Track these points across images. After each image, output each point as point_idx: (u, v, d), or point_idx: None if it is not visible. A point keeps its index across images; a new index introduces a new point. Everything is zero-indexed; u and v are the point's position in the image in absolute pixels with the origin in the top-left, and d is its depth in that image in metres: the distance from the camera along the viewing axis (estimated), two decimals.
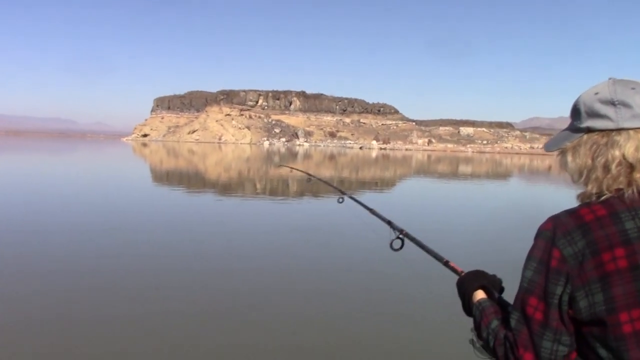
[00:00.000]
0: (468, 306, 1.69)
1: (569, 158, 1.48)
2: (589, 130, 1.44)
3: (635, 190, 1.36)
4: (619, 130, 1.39)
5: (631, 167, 1.37)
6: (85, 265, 8.95)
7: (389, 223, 2.70)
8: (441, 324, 6.43)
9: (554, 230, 1.37)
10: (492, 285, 1.70)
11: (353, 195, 3.69)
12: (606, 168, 1.38)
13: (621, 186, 1.37)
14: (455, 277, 1.84)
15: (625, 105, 1.39)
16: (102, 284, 7.90)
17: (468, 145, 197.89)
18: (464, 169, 60.66)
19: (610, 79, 1.46)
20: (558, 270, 1.35)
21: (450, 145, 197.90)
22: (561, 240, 1.35)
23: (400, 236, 2.52)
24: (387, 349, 5.86)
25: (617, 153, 1.37)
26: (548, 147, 1.56)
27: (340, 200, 4.01)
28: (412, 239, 2.45)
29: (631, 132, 1.38)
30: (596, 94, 1.44)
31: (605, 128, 1.40)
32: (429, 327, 6.56)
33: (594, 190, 1.40)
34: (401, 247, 2.50)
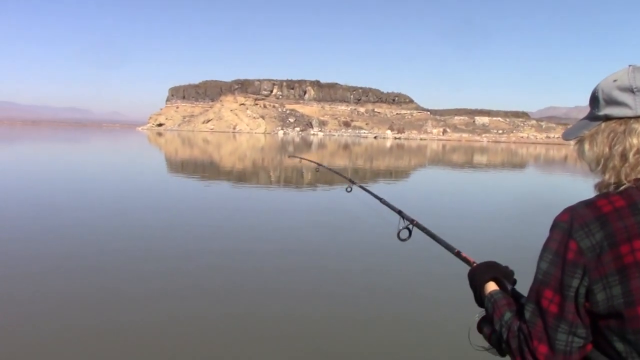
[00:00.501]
0: (480, 298, 1.66)
1: (587, 146, 1.46)
2: (607, 118, 1.42)
3: None
4: (638, 118, 1.36)
5: None
6: (96, 252, 9.04)
7: (399, 212, 2.66)
8: (445, 316, 6.43)
9: (571, 222, 1.34)
10: (505, 276, 1.67)
11: (362, 185, 3.68)
12: (624, 156, 1.36)
13: (639, 176, 1.35)
14: (467, 268, 1.81)
15: None
16: (110, 270, 7.98)
17: (483, 135, 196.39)
18: (479, 158, 60.22)
19: (630, 66, 1.43)
20: (575, 263, 1.32)
21: (465, 135, 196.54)
22: (578, 232, 1.32)
23: (409, 226, 2.50)
24: (390, 340, 5.86)
25: (635, 141, 1.35)
26: (566, 136, 1.54)
27: (349, 189, 4.00)
28: (423, 229, 2.43)
29: None
30: (615, 81, 1.41)
31: (624, 116, 1.38)
32: (433, 320, 6.54)
33: (612, 180, 1.38)
34: (409, 237, 2.49)
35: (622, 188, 1.35)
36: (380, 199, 3.14)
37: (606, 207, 1.33)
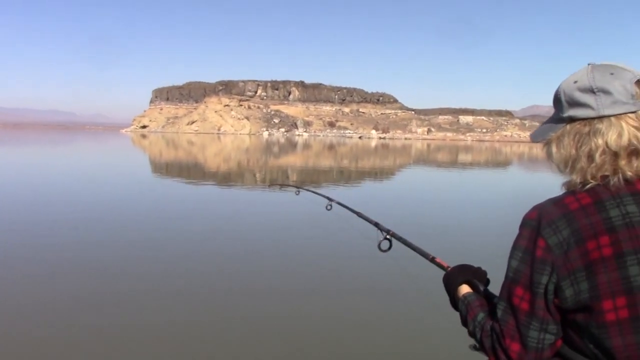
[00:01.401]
0: (454, 300, 1.68)
1: (554, 149, 1.46)
2: (571, 119, 1.42)
3: (620, 178, 1.33)
4: (601, 118, 1.36)
5: (615, 155, 1.34)
6: (82, 256, 8.96)
7: (376, 225, 2.70)
8: (430, 321, 6.46)
9: (539, 219, 1.36)
10: (478, 278, 1.69)
11: (341, 200, 3.75)
12: (590, 157, 1.36)
13: (606, 174, 1.35)
14: (442, 273, 1.83)
15: (605, 92, 1.36)
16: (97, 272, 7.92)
17: (467, 134, 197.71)
18: (463, 157, 60.65)
19: (589, 64, 1.43)
20: (543, 260, 1.33)
21: (449, 134, 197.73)
22: (546, 229, 1.34)
23: (388, 237, 2.53)
24: (376, 349, 5.88)
25: (600, 141, 1.35)
26: (534, 138, 1.54)
27: (329, 207, 4.04)
28: (399, 239, 2.47)
29: (613, 119, 1.35)
30: (575, 82, 1.41)
31: (587, 117, 1.38)
32: (416, 325, 6.56)
33: (579, 180, 1.38)
34: (389, 248, 2.52)
35: (588, 186, 1.36)
36: (357, 213, 3.20)
37: (573, 205, 1.34)
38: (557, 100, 1.47)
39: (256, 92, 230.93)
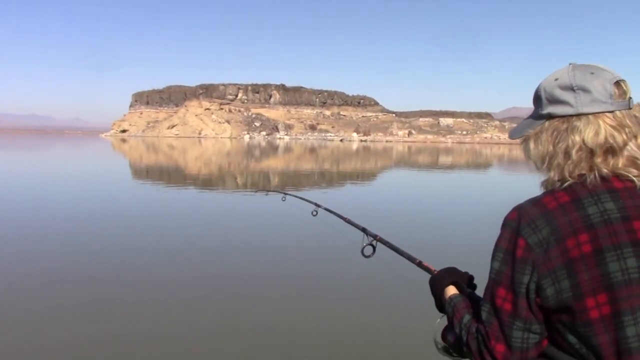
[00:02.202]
0: (441, 303, 1.69)
1: (532, 145, 1.48)
2: (550, 116, 1.44)
3: (596, 175, 1.35)
4: (579, 115, 1.38)
5: (591, 153, 1.36)
6: (73, 266, 8.84)
7: (364, 230, 2.70)
8: (414, 324, 6.48)
9: (519, 220, 1.37)
10: (464, 280, 1.70)
11: (327, 206, 3.70)
12: (567, 154, 1.38)
13: (583, 172, 1.37)
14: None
15: (585, 90, 1.38)
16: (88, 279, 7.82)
17: (448, 136, 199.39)
18: (444, 160, 61.04)
19: (570, 64, 1.46)
20: (524, 259, 1.34)
21: (430, 137, 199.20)
22: (526, 229, 1.35)
23: (373, 243, 2.54)
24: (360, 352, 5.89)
25: (577, 138, 1.37)
26: (512, 135, 1.56)
27: (315, 213, 3.99)
28: (386, 243, 2.46)
29: (590, 117, 1.37)
30: (556, 80, 1.44)
31: (566, 114, 1.40)
32: (399, 329, 6.59)
33: (556, 177, 1.41)
34: (373, 254, 2.52)
35: (566, 184, 1.37)
36: (344, 219, 3.18)
37: (551, 204, 1.35)
38: (537, 97, 1.49)
39: (237, 96, 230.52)
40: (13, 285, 7.79)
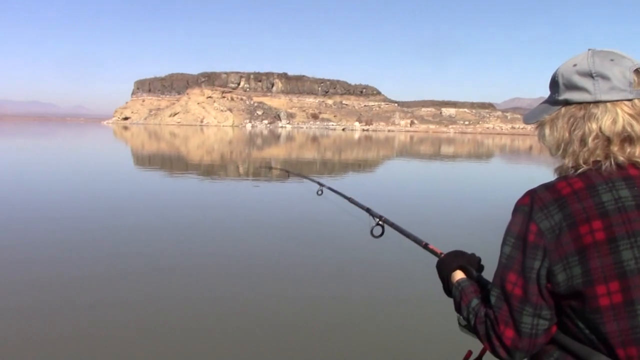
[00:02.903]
0: (448, 287, 1.68)
1: (547, 131, 1.47)
2: (567, 102, 1.42)
3: (612, 163, 1.34)
4: (597, 102, 1.36)
5: (608, 141, 1.35)
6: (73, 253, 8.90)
7: (368, 210, 2.70)
8: (424, 307, 6.54)
9: (531, 204, 1.36)
10: (471, 264, 1.69)
11: (331, 186, 3.69)
12: (583, 141, 1.37)
13: (598, 159, 1.35)
14: (436, 260, 1.83)
15: (603, 77, 1.36)
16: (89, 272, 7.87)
17: (450, 126, 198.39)
18: (446, 149, 60.89)
19: (589, 50, 1.43)
20: (535, 245, 1.33)
21: (432, 126, 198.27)
22: (538, 214, 1.34)
23: (380, 222, 2.53)
24: (371, 334, 5.93)
25: (594, 126, 1.35)
26: (527, 119, 1.54)
27: (319, 192, 3.97)
28: (392, 225, 2.46)
29: (609, 104, 1.35)
30: (574, 65, 1.41)
31: (583, 100, 1.38)
32: (411, 311, 6.64)
33: (570, 164, 1.39)
34: (382, 234, 2.52)
35: (580, 171, 1.36)
36: (348, 199, 3.16)
37: (565, 189, 1.34)
38: (554, 82, 1.47)
39: (239, 84, 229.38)
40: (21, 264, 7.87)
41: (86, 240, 9.58)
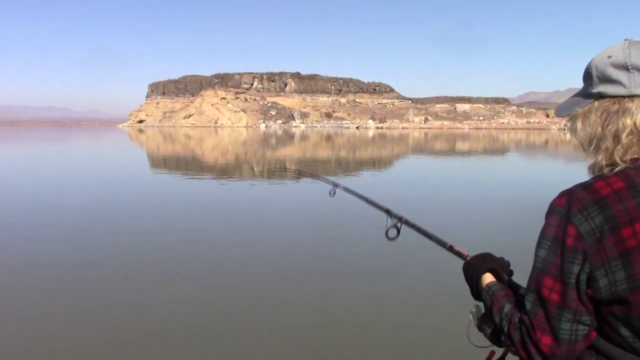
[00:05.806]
0: (476, 291, 1.62)
1: (579, 125, 1.40)
2: (601, 96, 1.36)
3: None
4: (632, 97, 1.30)
5: None
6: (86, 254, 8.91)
7: (387, 211, 2.52)
8: (446, 309, 6.44)
9: (569, 206, 1.29)
10: (501, 268, 1.64)
11: (346, 187, 3.38)
12: (617, 137, 1.30)
13: (635, 156, 1.29)
14: (461, 262, 1.78)
15: None
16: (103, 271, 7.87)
17: (464, 122, 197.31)
18: (461, 146, 60.51)
19: (626, 40, 1.36)
20: (574, 248, 1.27)
21: (446, 123, 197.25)
22: (577, 217, 1.27)
23: (398, 225, 2.38)
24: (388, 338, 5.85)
25: (628, 121, 1.29)
26: (559, 112, 1.47)
27: (332, 193, 3.55)
28: (412, 226, 2.30)
29: None
30: (609, 57, 1.34)
31: (617, 94, 1.32)
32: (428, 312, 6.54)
33: (604, 162, 1.33)
34: (397, 236, 2.37)
35: (618, 169, 1.30)
36: (365, 199, 2.97)
37: (605, 190, 1.28)
38: (587, 74, 1.40)
39: (252, 85, 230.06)
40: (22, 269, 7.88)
41: (106, 241, 9.60)
